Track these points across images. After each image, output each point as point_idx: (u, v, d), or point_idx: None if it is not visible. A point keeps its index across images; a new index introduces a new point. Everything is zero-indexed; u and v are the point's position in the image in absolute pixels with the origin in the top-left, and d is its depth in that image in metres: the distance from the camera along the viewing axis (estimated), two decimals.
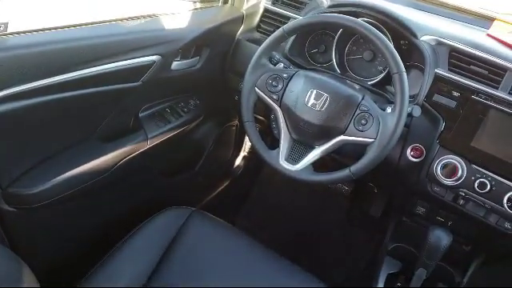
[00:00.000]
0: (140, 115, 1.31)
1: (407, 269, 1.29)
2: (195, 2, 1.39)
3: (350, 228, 1.93)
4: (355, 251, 1.87)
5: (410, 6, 1.46)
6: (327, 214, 1.96)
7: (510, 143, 1.05)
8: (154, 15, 1.21)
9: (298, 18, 1.17)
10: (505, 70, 1.09)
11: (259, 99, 1.14)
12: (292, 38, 1.30)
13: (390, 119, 0.99)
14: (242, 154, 2.00)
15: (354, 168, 1.02)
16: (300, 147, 1.11)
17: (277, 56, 1.19)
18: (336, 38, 1.30)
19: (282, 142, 1.11)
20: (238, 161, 1.99)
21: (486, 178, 1.06)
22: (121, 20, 1.13)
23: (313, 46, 1.38)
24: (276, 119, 1.14)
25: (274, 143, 1.16)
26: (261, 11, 1.42)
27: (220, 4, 1.44)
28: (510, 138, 1.05)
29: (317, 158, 1.07)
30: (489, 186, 1.05)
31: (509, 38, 1.27)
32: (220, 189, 1.90)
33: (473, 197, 1.08)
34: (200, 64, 1.35)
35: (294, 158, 1.10)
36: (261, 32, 1.42)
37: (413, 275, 1.21)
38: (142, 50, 1.15)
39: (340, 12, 1.22)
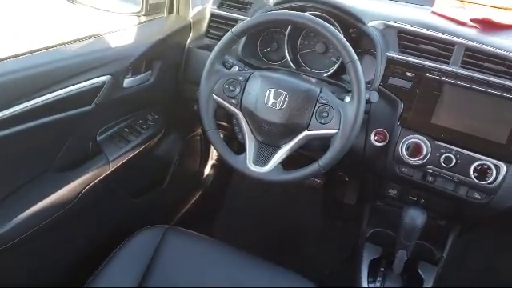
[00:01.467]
0: (98, 139, 1.27)
1: (388, 252, 1.30)
2: (139, 16, 1.36)
3: (328, 220, 1.94)
4: (336, 242, 1.88)
5: None
6: (303, 210, 1.96)
7: (467, 115, 1.07)
8: (99, 35, 1.17)
9: (245, 19, 1.16)
10: (453, 44, 1.11)
11: (219, 106, 1.12)
12: (243, 39, 1.29)
13: (350, 108, 1.00)
14: (210, 162, 1.97)
15: (322, 162, 1.02)
16: (266, 148, 1.10)
17: (230, 60, 1.18)
18: (286, 34, 1.30)
19: (247, 145, 1.10)
20: (207, 170, 1.96)
21: (450, 153, 1.08)
22: (64, 44, 1.09)
23: (265, 44, 1.37)
24: (238, 123, 1.12)
25: (240, 148, 1.15)
26: (208, 17, 1.40)
27: (165, 15, 1.41)
28: (466, 110, 1.07)
29: (284, 156, 1.07)
30: (454, 160, 1.07)
31: (452, 13, 1.30)
32: (192, 202, 1.86)
33: (440, 172, 1.10)
34: (153, 78, 1.32)
35: (261, 160, 1.09)
36: (210, 38, 1.40)
37: (394, 258, 1.22)
38: (91, 71, 1.11)
39: (286, 8, 1.22)
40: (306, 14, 1.06)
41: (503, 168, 1.03)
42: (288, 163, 1.08)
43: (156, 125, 1.43)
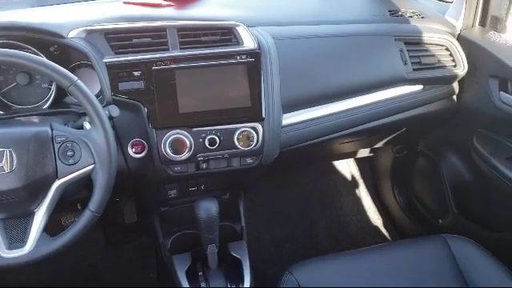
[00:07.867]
0: None
1: (197, 252, 1.25)
2: None
3: (120, 248, 1.76)
4: (138, 264, 1.73)
5: (35, 5, 1.26)
6: (88, 253, 1.73)
7: (208, 93, 1.06)
8: None
9: None
10: (163, 29, 1.08)
11: None
12: None
13: (96, 135, 0.88)
14: None
15: (93, 206, 0.88)
16: (16, 222, 0.87)
17: None
18: None
19: None
20: None
21: (211, 134, 1.07)
22: None
23: None
24: None
25: None
26: None
27: None
28: (205, 88, 1.06)
29: (45, 221, 0.88)
30: (217, 139, 1.07)
31: None
32: None
33: (211, 156, 1.09)
34: None
35: (17, 238, 0.87)
36: None
37: (206, 255, 1.17)
38: None
39: None
40: None
41: (260, 127, 1.09)
42: (53, 226, 0.89)
43: None
